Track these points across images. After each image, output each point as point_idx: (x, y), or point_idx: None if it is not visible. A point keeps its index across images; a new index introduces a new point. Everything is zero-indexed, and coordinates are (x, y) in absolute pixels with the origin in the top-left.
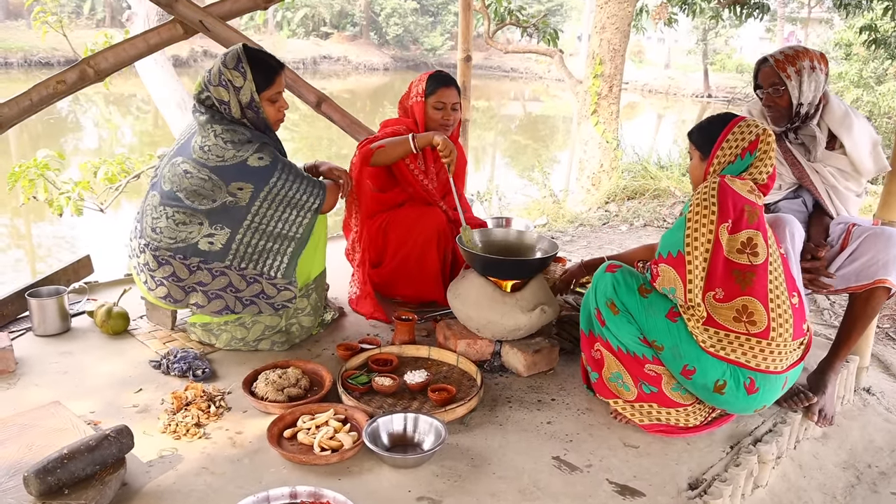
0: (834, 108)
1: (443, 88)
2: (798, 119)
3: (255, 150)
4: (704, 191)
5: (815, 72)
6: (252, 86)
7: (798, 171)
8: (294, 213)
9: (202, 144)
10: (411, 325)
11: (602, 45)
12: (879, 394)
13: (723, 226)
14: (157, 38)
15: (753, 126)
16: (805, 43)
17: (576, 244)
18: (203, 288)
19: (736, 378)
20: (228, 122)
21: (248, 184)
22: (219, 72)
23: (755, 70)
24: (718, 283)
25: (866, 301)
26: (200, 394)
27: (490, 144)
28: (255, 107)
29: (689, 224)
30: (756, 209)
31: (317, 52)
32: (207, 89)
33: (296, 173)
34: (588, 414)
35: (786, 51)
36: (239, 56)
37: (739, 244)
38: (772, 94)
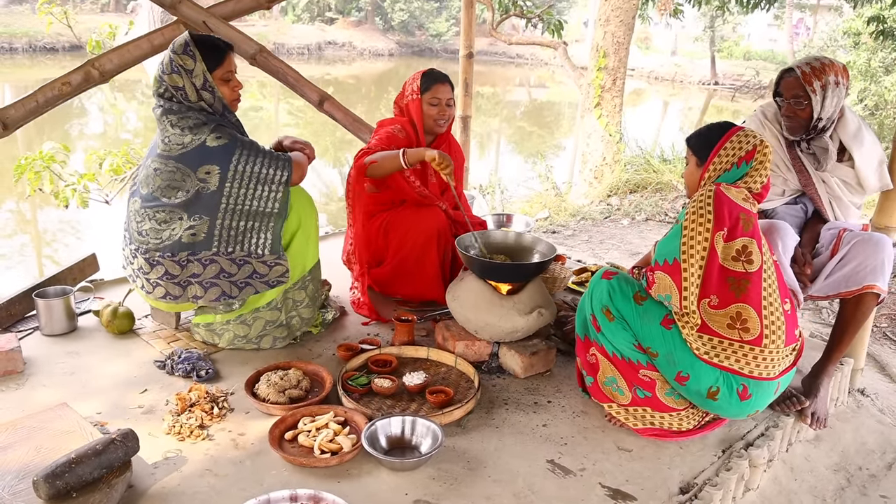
0: (848, 122)
1: (437, 85)
2: (814, 132)
3: (212, 130)
4: (701, 199)
5: (838, 87)
6: (203, 66)
7: (805, 179)
8: (265, 188)
9: (163, 137)
10: (411, 326)
11: (606, 38)
12: (874, 395)
13: (718, 234)
14: (161, 39)
15: (752, 136)
16: (814, 31)
17: (577, 238)
18: (197, 279)
19: (729, 384)
20: (183, 110)
21: (214, 166)
22: (170, 60)
23: (778, 78)
24: (713, 291)
25: (856, 306)
26: (204, 395)
27: (495, 131)
28: (209, 87)
29: (685, 232)
30: (751, 217)
31: (322, 37)
32: (163, 80)
33: (256, 149)
34: (583, 417)
35: (813, 63)
36: (186, 41)
37: (735, 252)
38: (793, 105)
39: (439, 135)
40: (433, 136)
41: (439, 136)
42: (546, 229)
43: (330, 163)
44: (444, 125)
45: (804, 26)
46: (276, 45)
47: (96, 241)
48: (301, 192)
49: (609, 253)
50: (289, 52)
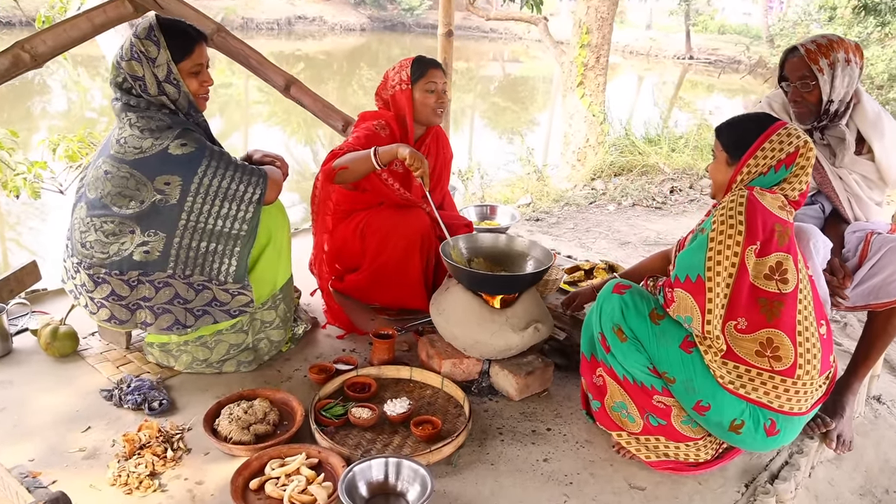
0: (867, 109)
1: (432, 70)
2: (826, 117)
3: (177, 136)
4: (731, 206)
5: (849, 65)
6: (168, 55)
7: (820, 176)
8: (234, 207)
9: (118, 137)
10: (391, 342)
11: (589, 13)
12: (890, 402)
13: (750, 248)
14: (102, 18)
15: (795, 136)
16: (787, 5)
17: (562, 226)
18: (148, 304)
19: (755, 418)
20: (144, 108)
21: (175, 176)
22: (131, 45)
23: (781, 60)
24: (742, 313)
25: (887, 320)
26: (156, 434)
27: (469, 107)
28: (173, 80)
29: (712, 245)
30: (787, 228)
31: (291, 12)
32: (120, 66)
33: (227, 161)
34: (588, 447)
35: (819, 40)
36: (152, 25)
37: (768, 269)
38: (800, 87)
39: (429, 127)
40: (422, 129)
41: (428, 129)
42: (529, 216)
43: (302, 141)
44: (441, 115)
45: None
46: (244, 19)
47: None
48: (277, 204)
49: (597, 242)
50: (258, 26)
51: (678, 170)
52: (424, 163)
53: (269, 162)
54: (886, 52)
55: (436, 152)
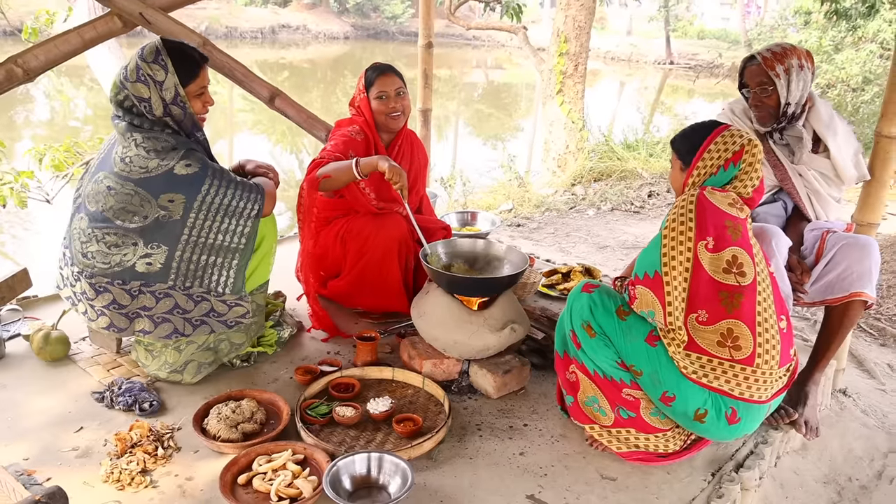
0: (821, 111)
1: (380, 77)
2: (784, 119)
3: (181, 157)
4: (681, 206)
5: (802, 70)
6: (175, 79)
7: (780, 174)
8: (233, 222)
9: (123, 156)
10: (374, 345)
11: (567, 23)
12: (855, 395)
13: (701, 243)
14: (92, 33)
15: (738, 136)
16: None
17: (542, 231)
18: (148, 313)
19: (717, 407)
20: (149, 128)
21: (179, 195)
22: (136, 67)
23: (741, 68)
24: (702, 305)
25: (843, 314)
26: (147, 433)
27: (453, 114)
28: (180, 102)
29: (666, 242)
30: (738, 224)
31: (275, 20)
32: (125, 87)
33: (229, 179)
34: (562, 441)
35: (773, 48)
36: (158, 49)
37: (725, 263)
38: (759, 93)
39: (398, 132)
40: (391, 135)
41: (398, 134)
42: (510, 222)
43: (287, 149)
44: (399, 119)
45: (755, 5)
46: (228, 28)
47: (36, 245)
48: None
49: (576, 247)
50: (242, 35)
51: (656, 174)
52: (403, 175)
53: (262, 173)
54: (860, 55)
55: (410, 157)
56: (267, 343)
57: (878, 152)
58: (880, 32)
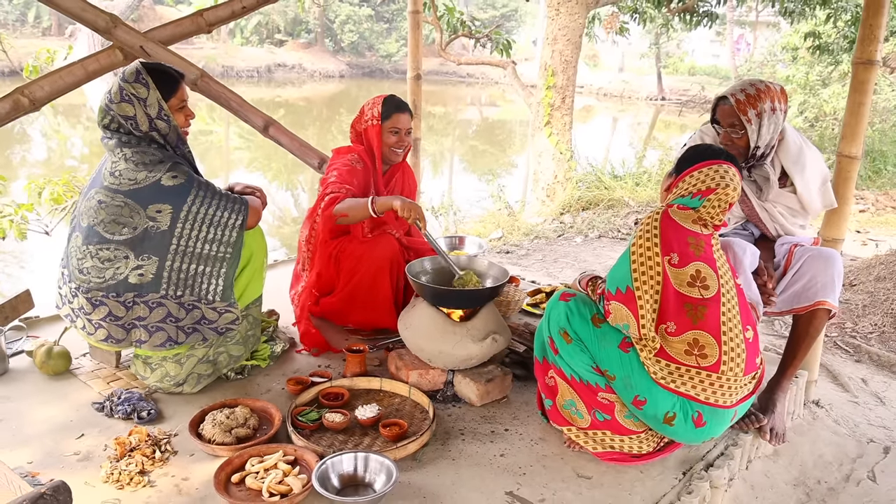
0: (790, 145)
1: (398, 114)
2: (753, 160)
3: (168, 169)
4: (647, 223)
5: (774, 114)
6: (157, 94)
7: (748, 209)
8: (219, 232)
9: (113, 170)
10: (362, 357)
11: (554, 57)
12: (828, 406)
13: (665, 258)
14: (95, 65)
15: (720, 176)
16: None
17: (531, 258)
18: (142, 322)
19: (685, 411)
20: (136, 143)
21: (166, 205)
22: (119, 88)
23: (714, 105)
24: (671, 317)
25: (808, 322)
26: (145, 438)
27: (448, 150)
28: (164, 115)
29: (635, 258)
30: (700, 240)
31: (271, 59)
32: (110, 110)
33: (213, 191)
34: (541, 444)
35: (748, 89)
36: (138, 69)
37: (689, 277)
38: (729, 132)
39: (395, 163)
40: (389, 165)
41: (395, 165)
42: (500, 249)
43: (283, 186)
44: (401, 155)
45: (745, 42)
46: (224, 67)
47: (35, 273)
48: (256, 228)
49: (563, 272)
50: (238, 74)
51: (642, 203)
52: (418, 209)
53: (250, 192)
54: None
55: (402, 184)
56: (260, 357)
57: (840, 171)
58: None
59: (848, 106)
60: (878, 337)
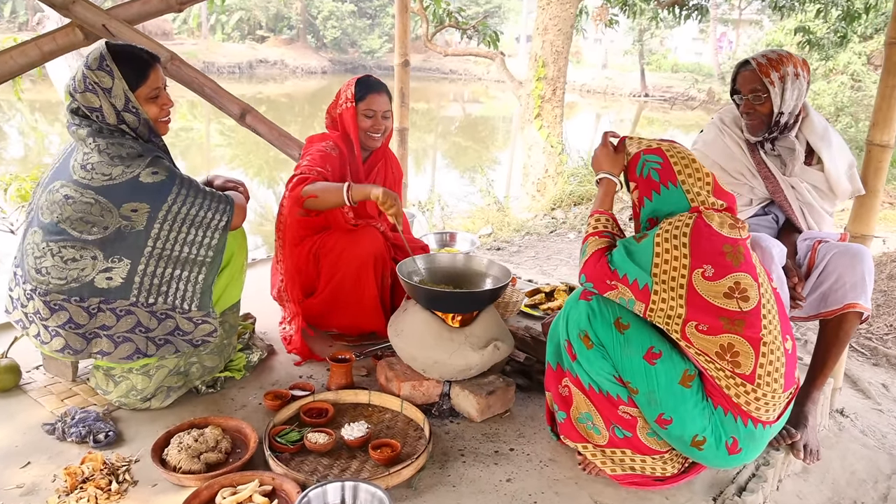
0: (815, 122)
1: (373, 95)
2: (777, 129)
3: (147, 164)
4: (677, 227)
5: (798, 79)
6: (123, 84)
7: (772, 186)
8: (200, 233)
9: (84, 163)
10: (348, 367)
11: (545, 47)
12: (853, 415)
13: (697, 272)
14: (52, 45)
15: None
16: (736, 44)
17: (523, 255)
18: (107, 332)
19: (717, 435)
20: (110, 134)
21: (143, 203)
22: (83, 77)
23: (734, 73)
24: (702, 318)
25: (838, 327)
26: (101, 466)
27: (431, 147)
28: (132, 108)
29: (657, 261)
30: (738, 246)
31: (253, 55)
32: (74, 98)
33: (196, 189)
34: (552, 466)
35: (769, 54)
36: (102, 54)
37: (726, 289)
38: (752, 100)
39: (376, 149)
40: (368, 152)
41: (376, 151)
42: (490, 246)
43: (264, 182)
44: (380, 139)
45: (727, 39)
46: (205, 63)
47: None
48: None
49: (558, 269)
50: (219, 70)
51: None
52: (398, 202)
53: (232, 187)
54: (832, 86)
55: (384, 172)
56: (235, 367)
57: (870, 161)
58: (850, 65)
59: (880, 90)
60: (895, 339)
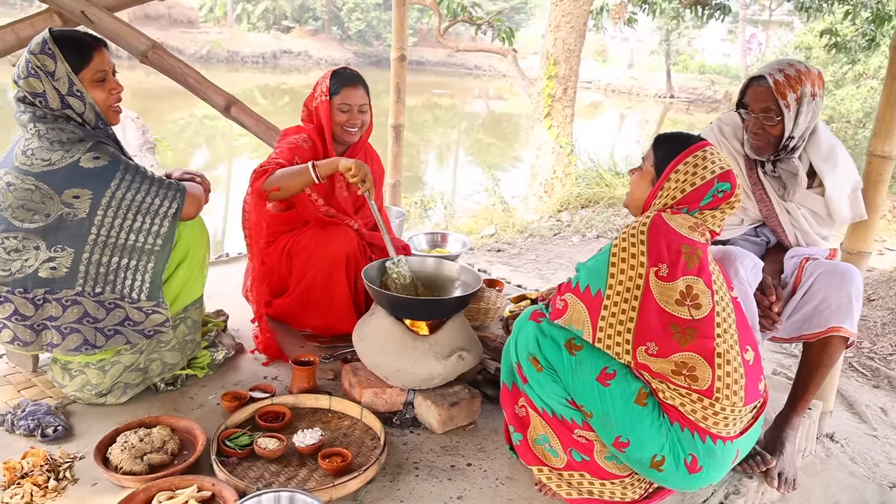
0: (821, 140)
1: (347, 88)
2: (784, 152)
3: (88, 148)
4: (635, 226)
5: (814, 100)
6: (66, 67)
7: (766, 209)
8: (147, 220)
9: (25, 148)
10: (311, 370)
11: (557, 45)
12: (844, 441)
13: (653, 269)
14: (29, 31)
15: (718, 158)
16: (766, 46)
17: (523, 257)
18: (55, 323)
19: (675, 453)
20: (53, 119)
21: (85, 190)
22: (26, 62)
23: (744, 86)
24: (653, 337)
25: (821, 350)
26: (42, 462)
27: (453, 142)
28: (77, 92)
29: (614, 261)
30: (695, 249)
31: (277, 46)
32: (19, 86)
33: (143, 175)
34: (508, 485)
35: (787, 70)
36: (45, 39)
37: (678, 294)
38: (763, 120)
39: (353, 144)
40: (345, 147)
41: (354, 146)
42: (490, 247)
43: None
44: (356, 134)
45: (756, 41)
46: (229, 52)
47: None
48: (196, 220)
49: (556, 274)
50: (243, 60)
51: None
52: (368, 175)
53: (189, 179)
54: (861, 91)
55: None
56: (198, 365)
57: (871, 173)
58: (882, 69)
59: (883, 97)
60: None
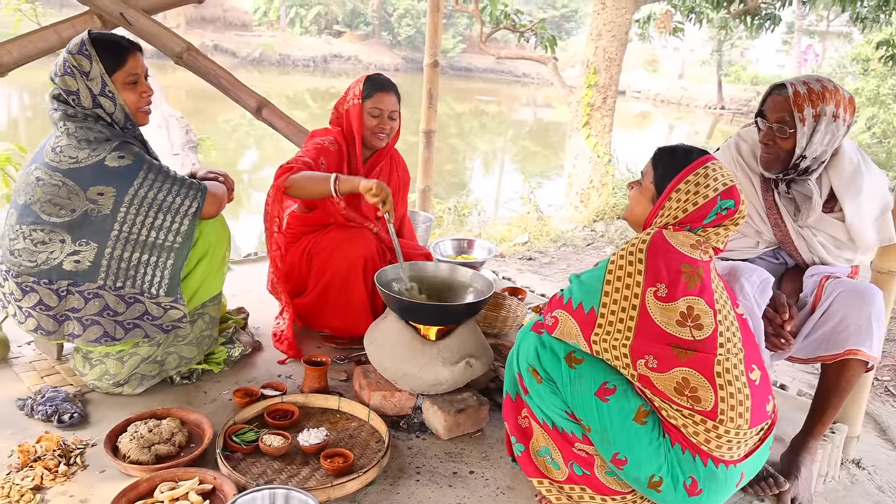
0: (844, 163)
1: (380, 94)
2: (794, 171)
3: (114, 148)
4: (633, 244)
5: (835, 122)
6: (101, 68)
7: (781, 234)
8: (168, 218)
9: (54, 145)
10: (322, 370)
11: (597, 54)
12: (871, 468)
13: (650, 290)
14: (70, 31)
15: (721, 174)
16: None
17: (554, 266)
18: (76, 314)
19: (674, 475)
20: (83, 118)
21: (109, 187)
22: (63, 61)
23: (766, 93)
24: (651, 351)
25: (839, 373)
26: (55, 447)
27: (499, 149)
28: (108, 93)
29: (610, 278)
30: (696, 268)
31: (328, 50)
32: (55, 83)
33: (166, 174)
34: (508, 494)
35: (811, 84)
36: (83, 40)
37: (679, 315)
38: (775, 130)
39: (379, 149)
40: (371, 151)
41: (380, 151)
42: (522, 255)
43: None
44: (384, 140)
45: (813, 52)
46: (281, 55)
47: None
48: (218, 217)
49: None
50: (294, 63)
51: None
52: (389, 197)
53: (213, 178)
54: None
55: (388, 174)
56: (214, 361)
57: None
58: None
59: None
60: None
